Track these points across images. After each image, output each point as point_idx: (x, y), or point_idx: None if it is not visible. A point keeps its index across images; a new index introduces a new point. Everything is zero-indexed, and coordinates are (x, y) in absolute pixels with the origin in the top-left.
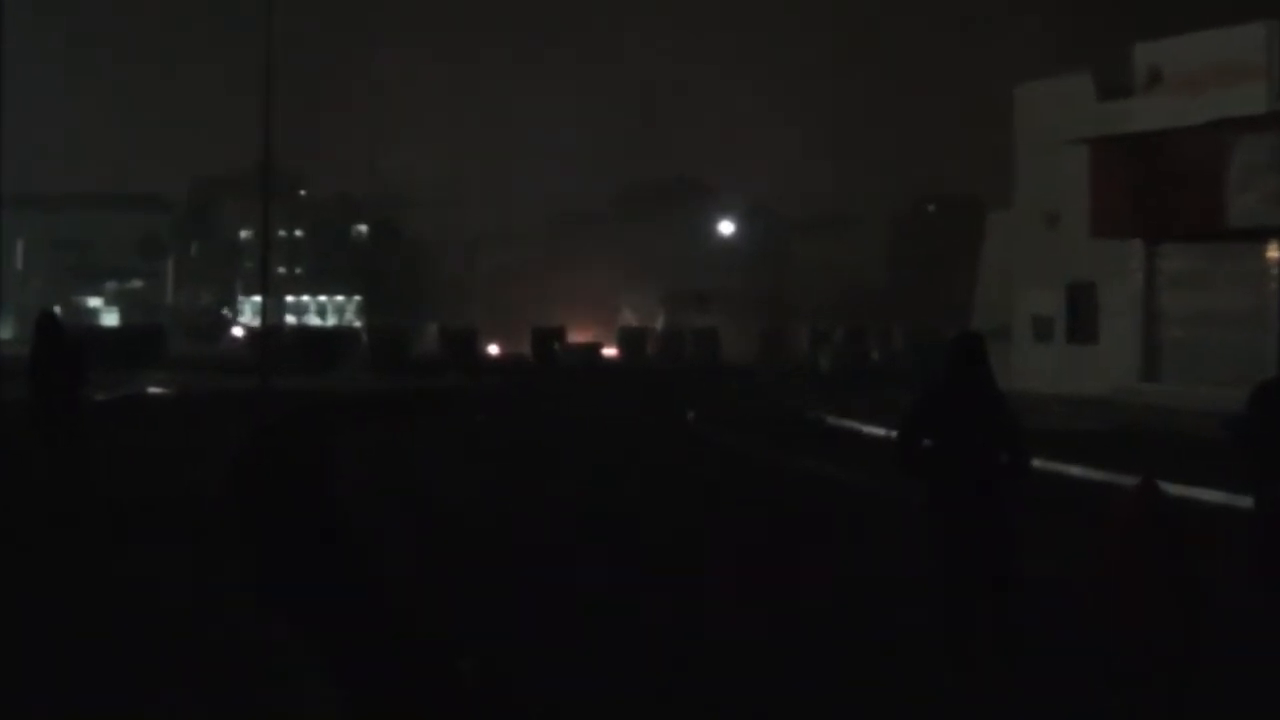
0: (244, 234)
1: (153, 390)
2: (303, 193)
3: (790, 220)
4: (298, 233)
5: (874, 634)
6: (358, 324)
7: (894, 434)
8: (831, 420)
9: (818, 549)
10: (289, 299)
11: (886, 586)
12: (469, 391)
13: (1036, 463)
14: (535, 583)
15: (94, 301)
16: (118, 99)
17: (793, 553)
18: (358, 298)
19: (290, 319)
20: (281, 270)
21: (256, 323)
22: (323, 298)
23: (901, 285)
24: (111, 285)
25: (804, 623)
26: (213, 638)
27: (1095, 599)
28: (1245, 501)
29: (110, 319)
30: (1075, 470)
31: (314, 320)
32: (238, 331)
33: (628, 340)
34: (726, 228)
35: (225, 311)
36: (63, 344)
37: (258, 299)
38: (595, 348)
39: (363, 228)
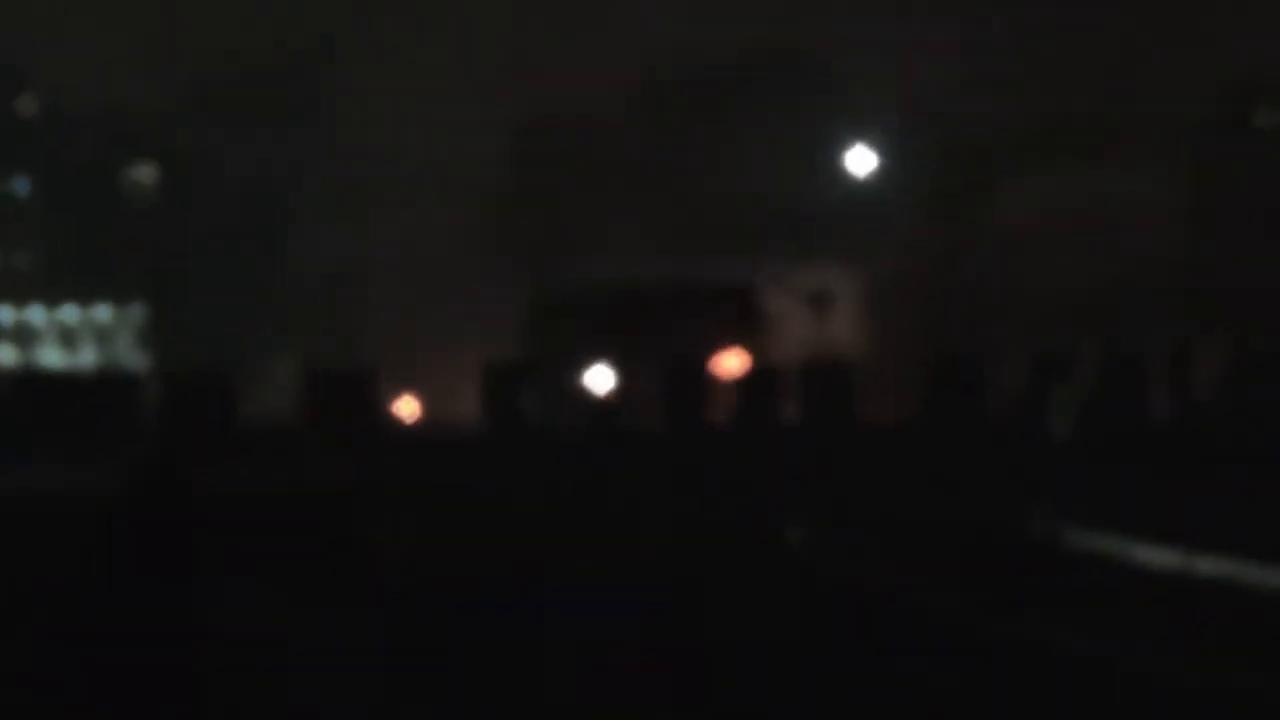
0: None
1: None
2: (27, 107)
3: (989, 144)
4: (18, 185)
5: None
6: (140, 362)
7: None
8: (1085, 540)
9: None
10: (2, 315)
11: None
12: (355, 495)
13: None
14: None
15: None
16: None
17: None
18: (140, 307)
19: (4, 354)
20: None
21: None
22: (71, 311)
23: (1216, 263)
24: None
25: None
26: None
27: None
28: None
29: None
30: None
31: (51, 357)
32: None
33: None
34: (863, 160)
35: None
36: None
37: None
38: (612, 400)
39: (147, 170)
